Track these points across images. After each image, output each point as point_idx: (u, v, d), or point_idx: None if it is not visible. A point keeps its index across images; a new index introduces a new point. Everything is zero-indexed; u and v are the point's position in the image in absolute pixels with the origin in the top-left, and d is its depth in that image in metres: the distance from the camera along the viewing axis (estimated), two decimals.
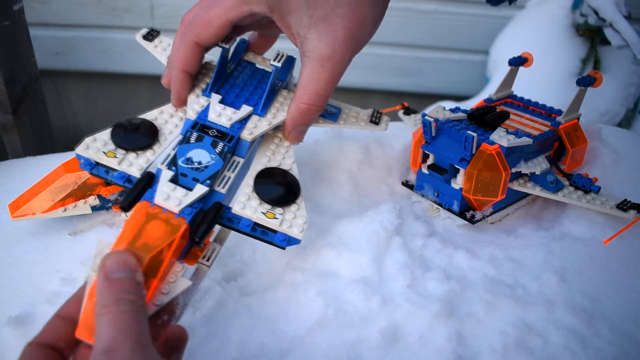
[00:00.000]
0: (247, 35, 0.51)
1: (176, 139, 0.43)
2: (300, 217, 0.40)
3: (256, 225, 0.39)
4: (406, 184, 0.55)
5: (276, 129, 0.46)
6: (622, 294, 0.43)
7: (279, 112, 0.45)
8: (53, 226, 0.50)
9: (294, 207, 0.40)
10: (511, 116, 0.55)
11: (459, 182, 0.48)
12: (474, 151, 0.47)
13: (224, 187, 0.40)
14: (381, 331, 0.40)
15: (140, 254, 0.32)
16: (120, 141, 0.41)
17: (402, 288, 0.43)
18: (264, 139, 0.45)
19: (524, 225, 0.51)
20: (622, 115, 1.07)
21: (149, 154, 0.41)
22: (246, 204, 0.39)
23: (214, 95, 0.44)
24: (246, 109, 0.44)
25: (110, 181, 0.40)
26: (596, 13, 1.06)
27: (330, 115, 0.50)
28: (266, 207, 0.39)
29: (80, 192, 0.49)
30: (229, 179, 0.40)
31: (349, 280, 0.43)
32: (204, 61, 0.48)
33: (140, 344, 0.27)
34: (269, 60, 0.49)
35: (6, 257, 0.47)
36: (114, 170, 0.40)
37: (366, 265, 0.44)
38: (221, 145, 0.41)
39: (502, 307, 0.41)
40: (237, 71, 0.48)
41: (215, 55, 0.46)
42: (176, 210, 0.36)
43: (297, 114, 0.43)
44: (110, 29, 1.27)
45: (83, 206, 0.49)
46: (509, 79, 0.58)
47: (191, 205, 0.37)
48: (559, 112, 0.55)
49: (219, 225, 0.39)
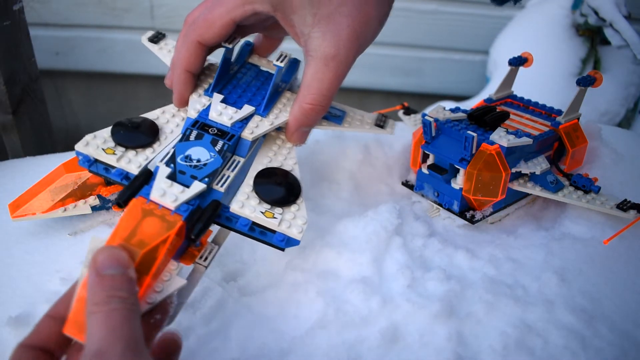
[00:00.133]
0: (251, 37, 0.50)
1: (177, 137, 0.42)
2: (300, 218, 0.39)
3: (255, 225, 0.38)
4: (406, 184, 0.55)
5: (278, 130, 0.45)
6: (622, 294, 0.43)
7: (282, 113, 0.44)
8: (53, 226, 0.50)
9: (293, 208, 0.39)
10: (511, 116, 0.55)
11: (459, 182, 0.48)
12: (474, 151, 0.47)
13: (222, 185, 0.39)
14: (381, 331, 0.40)
15: (134, 250, 0.32)
16: (120, 139, 0.40)
17: (402, 288, 0.43)
18: (265, 140, 0.45)
19: (524, 225, 0.51)
20: (622, 115, 1.07)
21: (148, 152, 0.40)
22: (245, 203, 0.39)
23: (215, 94, 0.44)
24: (248, 109, 0.43)
25: (108, 179, 0.40)
26: (596, 13, 1.06)
27: (334, 117, 0.49)
28: (265, 206, 0.39)
29: (80, 192, 0.49)
30: (228, 177, 0.40)
31: (349, 280, 0.43)
32: (208, 63, 0.48)
33: (131, 346, 0.27)
34: (273, 65, 0.48)
35: (6, 257, 0.47)
36: (112, 167, 0.39)
37: (366, 265, 0.44)
38: (221, 143, 0.40)
39: (502, 307, 0.41)
40: (240, 73, 0.48)
41: (219, 56, 0.45)
42: (172, 206, 0.35)
43: (300, 114, 0.43)
44: (110, 29, 1.27)
45: (83, 206, 0.49)
46: (509, 79, 0.58)
47: (188, 202, 0.36)
48: (559, 112, 0.55)
49: (217, 225, 0.38)
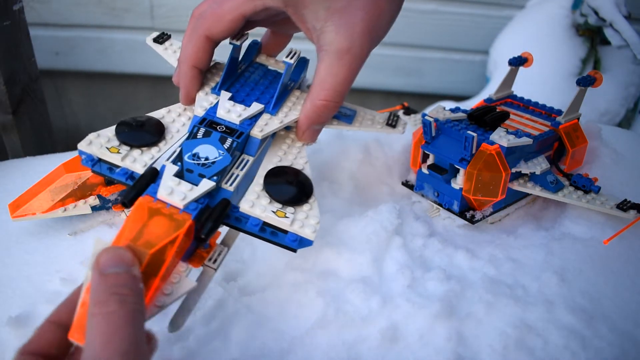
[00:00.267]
0: (259, 36, 0.50)
1: (183, 136, 0.41)
2: (312, 217, 0.38)
3: (265, 226, 0.37)
4: (406, 184, 0.55)
5: (288, 129, 0.44)
6: (622, 294, 0.43)
7: (291, 112, 0.43)
8: (53, 226, 0.50)
9: (306, 207, 0.38)
10: (511, 116, 0.55)
11: (459, 182, 0.48)
12: (474, 151, 0.47)
13: (231, 184, 0.38)
14: (381, 331, 0.40)
15: (141, 251, 0.30)
16: (125, 137, 0.39)
17: (402, 288, 0.43)
18: (275, 139, 0.44)
19: (524, 225, 0.51)
20: (622, 115, 1.07)
21: (154, 151, 0.39)
22: (255, 202, 0.37)
23: (223, 92, 0.43)
24: (257, 106, 0.42)
25: (111, 179, 0.38)
26: (596, 13, 1.06)
27: (344, 117, 0.48)
28: (277, 206, 0.37)
29: (80, 192, 0.49)
30: (237, 176, 0.38)
31: (349, 280, 0.43)
32: (215, 62, 0.47)
33: (130, 355, 0.25)
34: (281, 63, 0.47)
35: (6, 257, 0.47)
36: (117, 166, 0.38)
37: (366, 265, 0.44)
38: (230, 140, 0.39)
39: (502, 307, 0.41)
40: (248, 71, 0.47)
41: (225, 56, 0.45)
42: (181, 205, 0.33)
43: (312, 111, 0.41)
44: (110, 29, 1.27)
45: (83, 206, 0.49)
46: (509, 79, 0.58)
47: (197, 201, 0.34)
48: (559, 112, 0.55)
49: (226, 225, 0.37)
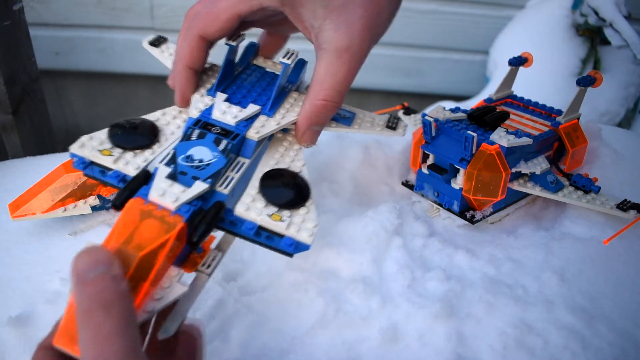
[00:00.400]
0: (256, 37, 0.50)
1: (178, 139, 0.40)
2: (309, 221, 0.36)
3: (261, 230, 0.36)
4: (406, 184, 0.55)
5: (285, 131, 0.44)
6: (622, 294, 0.43)
7: (289, 113, 0.43)
8: (53, 226, 0.50)
9: (302, 210, 0.37)
10: (511, 116, 0.55)
11: (459, 182, 0.48)
12: (474, 151, 0.47)
13: (226, 187, 0.37)
14: (381, 331, 0.40)
15: (131, 254, 0.30)
16: (118, 140, 0.38)
17: (402, 288, 0.43)
18: (272, 141, 0.43)
19: (524, 225, 0.52)
20: (622, 115, 1.07)
21: (147, 153, 0.38)
22: (250, 205, 0.36)
23: (219, 94, 0.42)
24: (253, 108, 0.41)
25: (104, 182, 0.37)
26: (596, 13, 1.06)
27: (343, 119, 0.47)
28: (272, 209, 0.36)
29: (80, 192, 0.49)
30: (232, 179, 0.38)
31: (349, 280, 0.43)
32: (210, 64, 0.47)
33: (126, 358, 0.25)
34: (279, 65, 0.46)
35: (6, 257, 0.47)
36: (109, 169, 0.37)
37: (366, 265, 0.44)
38: (225, 142, 0.38)
39: (502, 307, 0.41)
40: (245, 73, 0.46)
41: (220, 59, 0.44)
42: (172, 207, 0.32)
43: (312, 111, 0.41)
44: (110, 29, 1.27)
45: (83, 206, 0.49)
46: (509, 79, 0.58)
47: (189, 203, 0.34)
48: (559, 112, 0.55)
49: (221, 229, 0.36)
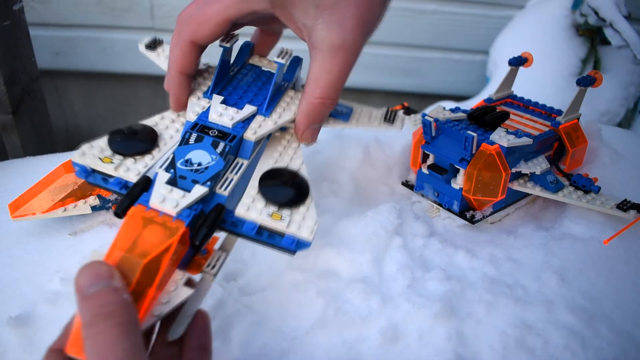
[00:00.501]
0: (248, 35, 0.50)
1: (177, 143, 0.40)
2: (309, 219, 0.37)
3: (262, 229, 0.37)
4: (406, 184, 0.55)
5: (283, 130, 0.44)
6: (622, 294, 0.43)
7: (285, 112, 0.43)
8: (53, 226, 0.50)
9: (302, 209, 0.37)
10: (511, 116, 0.55)
11: (459, 182, 0.48)
12: (474, 151, 0.47)
13: (226, 189, 0.37)
14: (381, 331, 0.40)
15: (135, 261, 0.30)
16: (118, 147, 0.39)
17: (402, 288, 0.43)
18: (270, 141, 0.43)
19: (524, 225, 0.52)
20: (622, 115, 1.07)
21: (147, 159, 0.39)
22: (251, 205, 0.37)
23: (215, 96, 0.43)
24: (249, 109, 0.42)
25: (106, 190, 0.38)
26: (596, 13, 1.06)
27: (341, 115, 0.48)
28: (272, 208, 0.37)
29: (80, 192, 0.49)
30: (231, 180, 0.38)
31: (349, 280, 0.43)
32: (207, 65, 0.47)
33: None
34: (274, 63, 0.46)
35: (6, 257, 0.47)
36: (110, 176, 0.38)
37: (366, 265, 0.44)
38: (222, 145, 0.39)
39: (502, 307, 0.41)
40: (240, 74, 0.46)
41: (216, 59, 0.44)
42: (173, 212, 0.33)
43: (310, 110, 0.41)
44: (110, 29, 1.27)
45: (83, 206, 0.49)
46: (509, 79, 0.58)
47: (190, 207, 0.34)
48: (559, 112, 0.55)
49: (223, 230, 0.37)
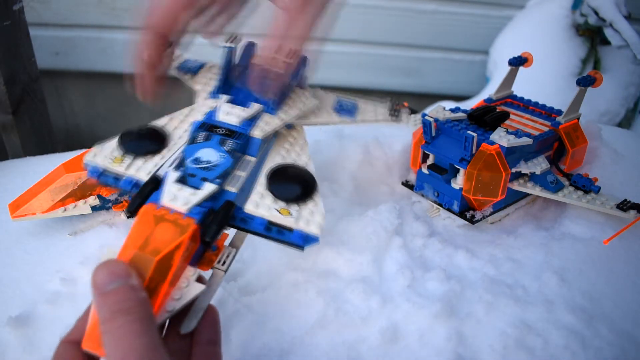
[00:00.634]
0: (254, 38, 0.50)
1: (185, 142, 0.41)
2: (317, 214, 0.37)
3: (271, 225, 0.37)
4: (406, 184, 0.55)
5: (290, 127, 0.45)
6: (622, 294, 0.43)
7: (291, 109, 0.44)
8: (53, 226, 0.50)
9: (310, 204, 0.38)
10: (511, 116, 0.55)
11: (459, 182, 0.48)
12: (474, 151, 0.47)
13: (235, 186, 0.38)
14: (381, 331, 0.40)
15: (148, 258, 0.31)
16: (128, 147, 0.40)
17: (402, 288, 0.43)
18: (277, 138, 0.44)
19: (524, 225, 0.52)
20: (622, 115, 1.07)
21: (157, 158, 0.40)
22: (260, 202, 0.37)
23: (222, 96, 0.43)
24: (256, 107, 0.42)
25: (118, 189, 0.39)
26: (596, 13, 1.06)
27: (346, 111, 0.48)
28: (281, 204, 0.37)
29: (80, 192, 0.49)
30: (240, 178, 0.39)
31: (349, 280, 0.43)
32: (211, 65, 0.47)
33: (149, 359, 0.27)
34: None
35: (6, 257, 0.47)
36: (121, 176, 0.39)
37: (366, 265, 0.44)
38: (230, 142, 0.40)
39: (502, 307, 0.41)
40: (245, 73, 0.47)
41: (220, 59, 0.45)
42: (184, 210, 0.34)
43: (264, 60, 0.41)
44: (110, 29, 1.27)
45: (83, 206, 0.49)
46: (509, 79, 0.58)
47: (200, 205, 0.35)
48: (559, 112, 0.55)
49: (232, 227, 0.37)
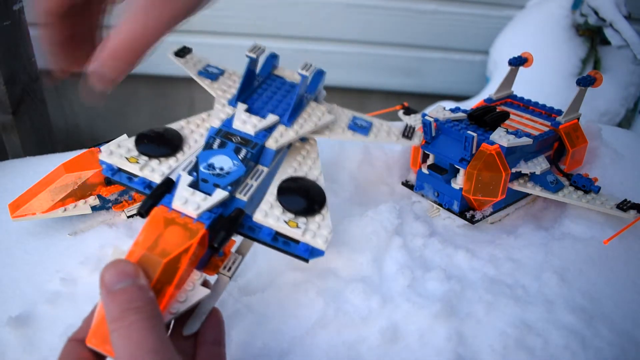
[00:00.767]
0: (277, 50, 0.50)
1: (200, 147, 0.42)
2: (324, 228, 0.38)
3: (278, 235, 0.38)
4: (406, 184, 0.55)
5: (303, 140, 0.45)
6: (622, 294, 0.43)
7: (307, 123, 0.44)
8: (53, 226, 0.50)
9: (318, 218, 0.38)
10: (511, 116, 0.55)
11: (459, 182, 0.48)
12: (474, 151, 0.47)
13: (245, 194, 0.39)
14: (381, 331, 0.40)
15: (156, 259, 0.32)
16: (144, 148, 0.40)
17: (402, 288, 0.43)
18: (290, 150, 0.44)
19: (524, 225, 0.52)
20: (622, 115, 1.07)
21: (171, 161, 0.40)
22: (268, 212, 0.38)
23: (240, 104, 0.44)
24: (272, 118, 0.43)
25: (130, 188, 0.39)
26: (596, 13, 1.06)
27: (360, 128, 0.49)
28: (289, 216, 0.38)
29: (80, 192, 0.49)
30: (251, 186, 0.39)
31: (349, 280, 0.43)
32: (232, 72, 0.48)
33: (160, 356, 0.27)
34: (297, 75, 0.47)
35: (6, 257, 0.47)
36: (135, 176, 0.39)
37: (366, 265, 0.44)
38: (244, 151, 0.40)
39: (502, 307, 0.41)
40: (265, 84, 0.48)
41: (242, 68, 0.45)
42: (194, 214, 0.35)
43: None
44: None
45: (83, 206, 0.49)
46: (509, 79, 0.58)
47: (210, 210, 0.36)
48: (559, 112, 0.55)
49: (240, 234, 0.38)
